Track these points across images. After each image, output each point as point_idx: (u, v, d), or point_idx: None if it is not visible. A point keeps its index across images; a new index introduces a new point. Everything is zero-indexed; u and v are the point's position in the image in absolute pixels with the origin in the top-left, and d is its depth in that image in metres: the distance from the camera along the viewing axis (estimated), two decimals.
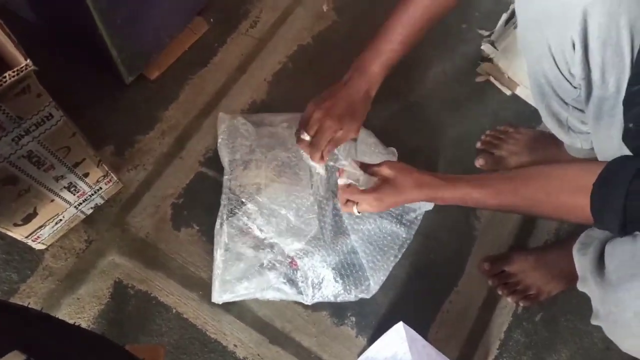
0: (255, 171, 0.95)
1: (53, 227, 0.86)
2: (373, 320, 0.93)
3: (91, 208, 0.92)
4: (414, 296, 0.95)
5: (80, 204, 0.87)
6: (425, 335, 0.89)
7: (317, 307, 0.92)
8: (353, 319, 0.93)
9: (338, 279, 0.90)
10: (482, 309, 0.96)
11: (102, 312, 0.89)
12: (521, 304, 0.96)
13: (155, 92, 1.05)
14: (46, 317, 0.58)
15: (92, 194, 0.88)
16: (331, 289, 0.90)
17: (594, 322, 0.70)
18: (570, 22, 0.61)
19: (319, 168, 0.88)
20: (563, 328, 0.96)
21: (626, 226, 0.58)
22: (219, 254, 0.91)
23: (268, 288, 0.90)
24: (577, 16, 0.60)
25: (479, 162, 1.05)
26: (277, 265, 0.90)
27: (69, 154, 0.71)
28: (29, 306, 0.86)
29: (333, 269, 0.90)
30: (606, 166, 0.61)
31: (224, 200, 0.94)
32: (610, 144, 0.68)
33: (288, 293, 0.90)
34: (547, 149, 1.00)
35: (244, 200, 0.93)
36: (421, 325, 0.91)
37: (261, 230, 0.91)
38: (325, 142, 0.82)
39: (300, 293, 0.90)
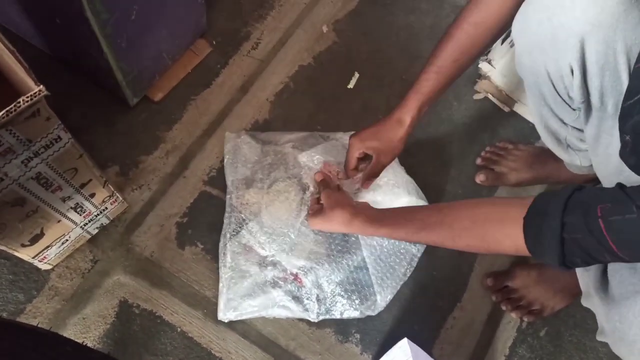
0: (258, 190, 0.96)
1: (59, 247, 0.86)
2: (377, 337, 0.93)
3: (97, 228, 0.93)
4: (417, 312, 0.95)
5: (86, 224, 0.88)
6: (429, 352, 0.89)
7: (321, 324, 0.92)
8: (357, 335, 0.93)
9: (344, 294, 0.90)
10: (487, 324, 0.96)
11: (107, 331, 0.89)
12: (525, 319, 0.96)
13: (159, 113, 1.06)
14: (54, 336, 0.58)
15: (98, 214, 0.88)
16: (337, 305, 0.90)
17: (599, 338, 0.69)
18: (567, 50, 0.62)
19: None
20: (568, 343, 0.96)
21: (565, 258, 0.57)
22: (223, 272, 0.91)
23: (273, 306, 0.90)
24: (574, 44, 0.61)
25: (479, 178, 1.06)
26: (282, 282, 0.91)
27: (76, 175, 0.72)
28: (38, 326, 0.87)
29: (339, 284, 0.90)
30: (535, 199, 0.61)
31: (227, 219, 0.95)
32: (609, 162, 0.68)
33: (294, 310, 0.90)
34: (547, 165, 1.01)
35: (246, 218, 0.93)
36: (425, 342, 0.91)
37: (264, 248, 0.92)
38: (354, 169, 0.90)
39: (307, 310, 0.90)
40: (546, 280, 0.94)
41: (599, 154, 0.71)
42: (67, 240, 0.86)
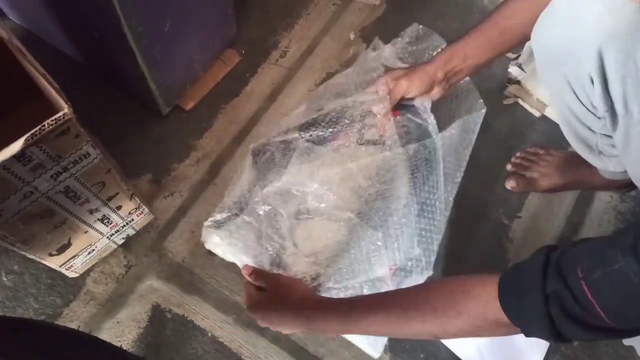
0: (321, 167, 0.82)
1: (86, 256, 0.84)
2: (407, 345, 0.88)
3: (122, 238, 0.90)
4: None
5: (113, 234, 0.85)
6: None
7: None
8: (387, 343, 0.88)
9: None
10: None
11: (140, 335, 0.86)
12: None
13: (190, 122, 1.03)
14: (94, 340, 0.56)
15: (124, 225, 0.86)
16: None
17: None
18: (585, 60, 0.57)
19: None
20: (603, 353, 0.89)
21: (561, 335, 0.49)
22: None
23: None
24: (592, 54, 0.56)
25: (510, 184, 0.99)
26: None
27: (104, 188, 0.70)
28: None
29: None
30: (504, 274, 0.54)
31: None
32: None
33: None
34: (580, 171, 0.94)
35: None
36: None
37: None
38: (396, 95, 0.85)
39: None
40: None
41: (630, 160, 0.66)
42: (93, 250, 0.84)
